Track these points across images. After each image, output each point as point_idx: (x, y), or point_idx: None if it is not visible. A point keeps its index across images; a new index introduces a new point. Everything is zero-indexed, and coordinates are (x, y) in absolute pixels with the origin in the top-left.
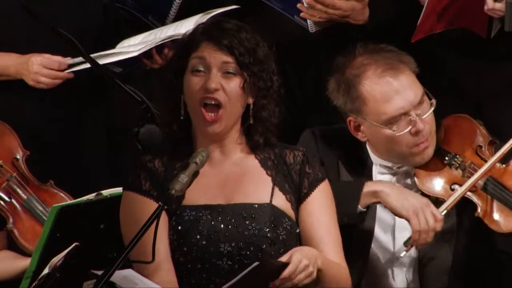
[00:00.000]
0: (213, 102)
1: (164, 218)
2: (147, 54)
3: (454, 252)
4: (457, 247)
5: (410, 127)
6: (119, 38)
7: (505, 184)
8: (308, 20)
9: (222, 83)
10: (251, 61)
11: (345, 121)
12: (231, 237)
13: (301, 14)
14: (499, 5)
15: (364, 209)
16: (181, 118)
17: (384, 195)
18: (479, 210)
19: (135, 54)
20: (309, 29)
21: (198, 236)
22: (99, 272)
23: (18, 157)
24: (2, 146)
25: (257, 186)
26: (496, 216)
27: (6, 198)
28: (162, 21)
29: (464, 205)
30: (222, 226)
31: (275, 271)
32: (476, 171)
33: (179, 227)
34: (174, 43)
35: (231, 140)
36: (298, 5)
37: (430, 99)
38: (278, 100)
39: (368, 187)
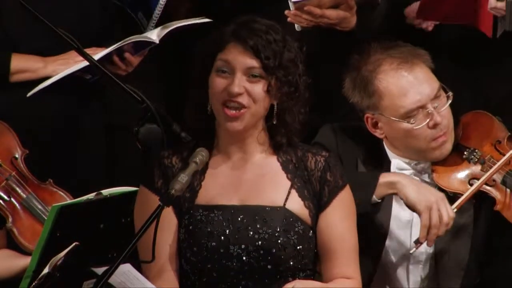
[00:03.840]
0: (236, 105)
1: (171, 218)
2: (108, 60)
3: (471, 247)
4: (474, 243)
5: (428, 120)
6: (117, 38)
7: None
8: None
9: (246, 86)
10: (276, 65)
11: (362, 118)
12: (241, 239)
13: (288, 20)
14: (501, 4)
15: (379, 200)
16: (208, 113)
17: (401, 186)
18: (497, 203)
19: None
20: (296, 28)
21: (208, 237)
22: (99, 270)
23: (17, 156)
24: (0, 145)
25: (274, 189)
26: None
27: (5, 197)
28: (148, 19)
29: (482, 200)
30: (232, 228)
31: None
32: (495, 164)
33: (190, 227)
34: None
35: (252, 140)
36: (286, 12)
37: (446, 93)
38: (303, 102)
39: (384, 177)
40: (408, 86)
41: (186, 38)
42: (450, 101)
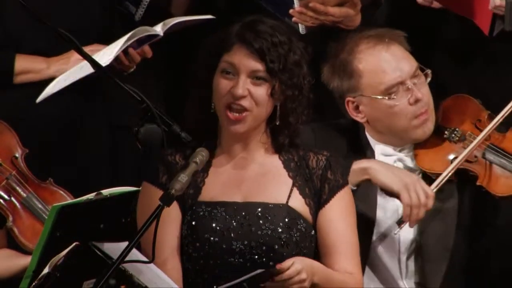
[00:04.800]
0: (239, 107)
1: (176, 214)
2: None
3: (457, 228)
4: (460, 224)
5: (408, 96)
6: (117, 36)
7: (506, 149)
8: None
9: (250, 89)
10: (280, 68)
11: (342, 105)
12: (244, 235)
13: (293, 19)
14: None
15: (355, 188)
16: (212, 111)
17: (373, 172)
18: (480, 178)
19: (106, 63)
20: (300, 31)
21: (211, 233)
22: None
23: (17, 155)
24: (1, 144)
25: (276, 187)
26: (498, 181)
27: (6, 196)
28: (137, 6)
29: (465, 181)
30: (235, 223)
31: (270, 276)
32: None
33: (193, 222)
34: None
35: (255, 140)
36: (290, 11)
37: (423, 71)
38: (306, 104)
39: (356, 164)
40: (387, 63)
41: (187, 37)
42: (429, 79)
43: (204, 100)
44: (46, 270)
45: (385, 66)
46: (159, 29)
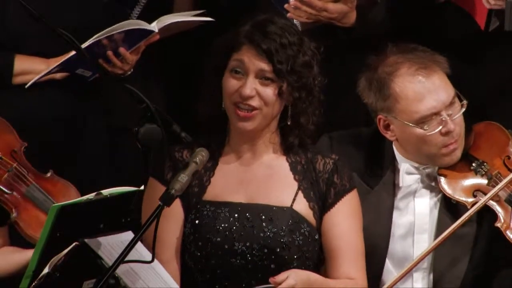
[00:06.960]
0: (247, 107)
1: (178, 214)
2: (102, 56)
3: (471, 258)
4: (474, 254)
5: (441, 127)
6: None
7: None
8: (295, 20)
9: (258, 88)
10: (288, 70)
11: (374, 119)
12: (246, 236)
13: (288, 15)
14: None
15: None
16: (222, 110)
17: None
18: (499, 220)
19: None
20: None
21: (213, 233)
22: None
23: (16, 149)
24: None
25: (281, 189)
26: None
27: (8, 190)
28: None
29: (485, 212)
30: (238, 224)
31: None
32: (501, 181)
33: (197, 221)
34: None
35: (263, 141)
36: (285, 6)
37: (461, 101)
38: (317, 104)
39: None
40: (425, 92)
41: (188, 37)
42: (464, 109)
43: (214, 98)
44: (46, 270)
45: (423, 95)
46: (153, 26)
